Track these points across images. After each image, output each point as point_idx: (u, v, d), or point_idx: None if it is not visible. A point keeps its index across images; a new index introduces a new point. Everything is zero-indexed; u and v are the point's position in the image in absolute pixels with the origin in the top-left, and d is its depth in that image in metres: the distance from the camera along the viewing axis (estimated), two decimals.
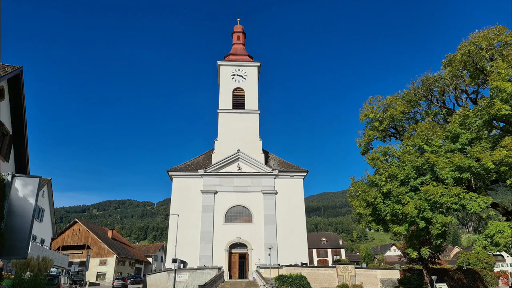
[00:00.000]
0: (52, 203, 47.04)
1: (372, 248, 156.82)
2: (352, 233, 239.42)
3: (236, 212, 43.65)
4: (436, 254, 39.70)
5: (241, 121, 47.01)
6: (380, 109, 25.34)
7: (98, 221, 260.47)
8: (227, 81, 49.57)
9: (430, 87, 23.75)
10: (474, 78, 21.77)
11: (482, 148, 18.79)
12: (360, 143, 26.45)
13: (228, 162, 44.96)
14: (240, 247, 42.33)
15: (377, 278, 39.05)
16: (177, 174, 44.62)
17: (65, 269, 46.98)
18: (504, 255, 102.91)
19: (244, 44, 55.35)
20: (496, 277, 50.99)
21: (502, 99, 17.52)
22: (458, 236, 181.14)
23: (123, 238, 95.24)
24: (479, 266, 52.89)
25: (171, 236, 41.77)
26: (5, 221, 10.51)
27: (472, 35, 20.96)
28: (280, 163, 47.59)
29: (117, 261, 68.68)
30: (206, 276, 32.81)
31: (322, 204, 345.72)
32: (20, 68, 17.94)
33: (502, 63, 18.33)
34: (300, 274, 33.60)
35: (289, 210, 43.85)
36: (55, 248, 59.13)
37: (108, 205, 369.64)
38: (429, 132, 21.25)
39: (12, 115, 18.61)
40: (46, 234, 46.17)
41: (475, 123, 19.33)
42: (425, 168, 20.57)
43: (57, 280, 24.19)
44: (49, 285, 18.81)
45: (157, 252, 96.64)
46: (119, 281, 50.54)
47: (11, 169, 18.74)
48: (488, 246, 18.37)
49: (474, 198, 18.37)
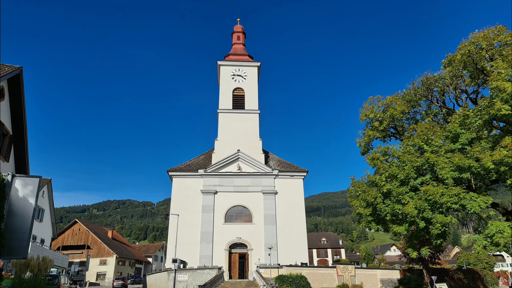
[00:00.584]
0: (52, 203, 47.06)
1: (372, 248, 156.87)
2: (352, 233, 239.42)
3: (236, 212, 43.65)
4: (436, 254, 39.74)
5: (241, 121, 47.01)
6: (380, 109, 25.32)
7: (98, 221, 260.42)
8: (227, 81, 49.57)
9: (430, 87, 23.73)
10: (474, 78, 21.75)
11: (482, 148, 18.77)
12: (360, 143, 26.42)
13: (228, 162, 44.96)
14: (240, 247, 42.32)
15: (377, 278, 39.05)
16: (177, 174, 44.62)
17: (65, 269, 47.01)
18: (504, 255, 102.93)
19: (244, 44, 55.35)
20: (496, 277, 51.00)
21: (502, 99, 17.51)
22: (458, 236, 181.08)
23: (123, 238, 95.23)
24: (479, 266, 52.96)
25: (171, 236, 41.77)
26: (5, 221, 10.51)
27: (472, 35, 20.94)
28: (280, 163, 47.59)
29: (117, 261, 68.68)
30: (206, 276, 32.82)
31: (322, 204, 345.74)
32: (20, 68, 17.94)
33: (502, 63, 18.32)
34: (300, 274, 33.61)
35: (289, 210, 43.85)
36: (55, 248, 59.16)
37: (108, 205, 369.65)
38: (429, 132, 21.23)
39: (12, 115, 18.61)
40: (46, 234, 46.18)
41: (475, 123, 19.32)
42: (425, 168, 20.56)
43: (57, 280, 24.16)
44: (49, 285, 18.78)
45: (157, 252, 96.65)
46: (119, 281, 50.58)
47: (11, 169, 18.74)
48: (488, 246, 18.35)
49: (474, 198, 18.35)
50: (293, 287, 31.78)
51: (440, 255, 43.09)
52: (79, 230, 70.74)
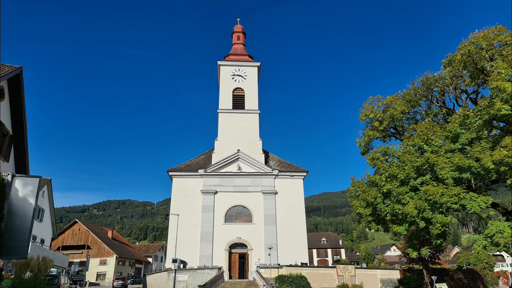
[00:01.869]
0: (52, 203, 47.05)
1: (372, 248, 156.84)
2: (352, 233, 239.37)
3: (236, 212, 43.64)
4: (436, 254, 39.73)
5: (241, 121, 47.01)
6: (380, 109, 25.31)
7: (98, 221, 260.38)
8: (227, 81, 49.55)
9: (430, 87, 23.72)
10: (474, 78, 21.74)
11: (482, 148, 18.76)
12: (360, 143, 26.42)
13: (228, 162, 44.95)
14: (240, 247, 42.32)
15: (377, 278, 39.05)
16: (177, 174, 44.61)
17: (65, 269, 47.00)
18: (504, 255, 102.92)
19: (244, 44, 55.34)
20: (496, 277, 51.00)
21: (502, 99, 17.51)
22: (458, 236, 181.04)
23: (123, 238, 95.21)
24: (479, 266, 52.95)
25: (171, 236, 41.77)
26: (5, 221, 10.50)
27: (472, 35, 20.93)
28: (280, 163, 47.58)
29: (117, 261, 68.67)
30: (206, 276, 32.82)
31: (322, 204, 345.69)
32: (20, 68, 17.94)
33: (502, 63, 18.32)
34: (300, 274, 33.61)
35: (289, 210, 43.84)
36: (55, 248, 59.15)
37: (108, 205, 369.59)
38: (429, 132, 21.23)
39: (12, 115, 18.61)
40: (46, 234, 46.18)
41: (475, 123, 19.31)
42: (425, 168, 20.55)
43: (57, 280, 24.15)
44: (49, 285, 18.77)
45: (157, 252, 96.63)
46: (119, 281, 50.57)
47: (11, 169, 18.74)
48: (488, 246, 18.35)
49: (474, 198, 18.35)
50: (293, 287, 31.77)
51: (440, 255, 43.08)
52: (79, 230, 70.73)
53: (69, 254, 56.90)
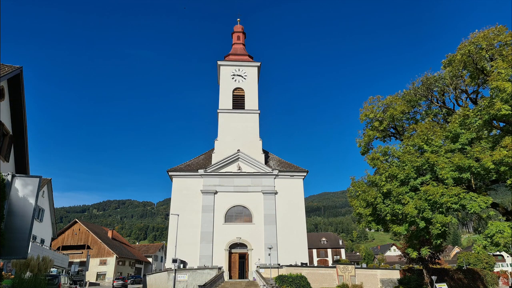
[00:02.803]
0: (52, 203, 47.05)
1: (372, 248, 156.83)
2: (352, 233, 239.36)
3: (236, 212, 43.64)
4: (436, 254, 39.73)
5: (241, 121, 47.01)
6: (380, 109, 25.31)
7: (98, 221, 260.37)
8: (227, 81, 49.55)
9: (430, 87, 23.72)
10: (474, 78, 21.74)
11: (482, 148, 18.76)
12: (360, 143, 26.42)
13: (228, 162, 44.95)
14: (240, 247, 42.32)
15: (377, 278, 39.05)
16: (177, 174, 44.61)
17: (65, 269, 46.99)
18: (504, 255, 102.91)
19: (244, 44, 55.34)
20: (496, 277, 50.99)
21: (502, 99, 17.50)
22: (458, 236, 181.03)
23: (123, 238, 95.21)
24: (479, 266, 52.95)
25: (171, 236, 41.77)
26: (5, 221, 10.50)
27: (472, 35, 20.92)
28: (280, 163, 47.58)
29: (117, 261, 68.67)
30: (206, 276, 32.82)
31: (322, 204, 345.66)
32: (20, 68, 17.94)
33: (502, 63, 18.31)
34: (300, 274, 33.60)
35: (289, 210, 43.84)
36: (55, 248, 59.15)
37: (108, 205, 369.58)
38: (429, 132, 21.22)
39: (12, 115, 18.61)
40: (46, 234, 46.18)
41: (475, 123, 19.31)
42: (425, 168, 20.55)
43: (57, 280, 24.15)
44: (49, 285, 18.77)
45: (157, 252, 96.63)
46: (119, 281, 50.57)
47: (11, 169, 18.74)
48: (488, 246, 18.34)
49: (474, 198, 18.35)
50: (293, 287, 31.77)
51: (440, 255, 43.08)
52: (79, 230, 70.73)
53: (69, 254, 56.89)
